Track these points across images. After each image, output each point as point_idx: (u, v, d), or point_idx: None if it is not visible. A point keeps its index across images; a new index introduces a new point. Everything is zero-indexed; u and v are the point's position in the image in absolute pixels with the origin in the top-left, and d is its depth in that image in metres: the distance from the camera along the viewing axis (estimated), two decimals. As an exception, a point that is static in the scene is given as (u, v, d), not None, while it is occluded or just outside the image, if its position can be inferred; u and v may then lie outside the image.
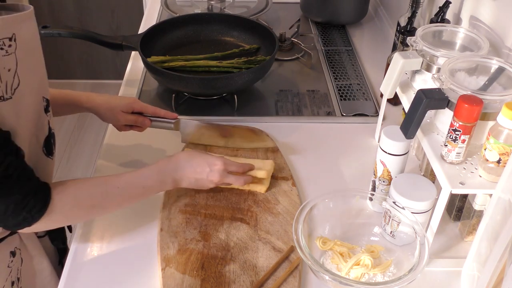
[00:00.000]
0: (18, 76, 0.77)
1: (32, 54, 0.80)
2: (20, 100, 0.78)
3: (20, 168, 0.77)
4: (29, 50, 0.79)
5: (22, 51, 0.77)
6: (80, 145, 2.78)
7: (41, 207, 0.78)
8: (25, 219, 0.77)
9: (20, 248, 0.91)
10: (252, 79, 1.28)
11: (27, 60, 0.78)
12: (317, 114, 1.28)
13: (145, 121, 1.07)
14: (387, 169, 0.94)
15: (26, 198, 0.76)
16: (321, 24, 1.73)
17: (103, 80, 3.20)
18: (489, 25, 1.06)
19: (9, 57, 0.75)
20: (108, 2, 2.93)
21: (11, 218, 0.77)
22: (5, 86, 0.75)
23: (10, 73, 0.75)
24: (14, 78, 0.76)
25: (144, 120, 1.07)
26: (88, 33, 1.30)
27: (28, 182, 0.78)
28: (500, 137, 0.76)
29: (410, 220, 0.86)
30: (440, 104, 0.85)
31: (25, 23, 0.77)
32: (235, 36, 1.47)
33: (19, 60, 0.76)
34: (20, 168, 0.77)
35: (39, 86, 0.84)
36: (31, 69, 0.81)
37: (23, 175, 0.77)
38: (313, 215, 0.89)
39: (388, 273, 0.85)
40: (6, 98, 0.75)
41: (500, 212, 0.73)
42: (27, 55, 0.78)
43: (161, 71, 1.23)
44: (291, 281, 0.85)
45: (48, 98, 0.87)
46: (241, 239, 0.92)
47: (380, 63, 1.44)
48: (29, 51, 0.79)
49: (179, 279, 0.84)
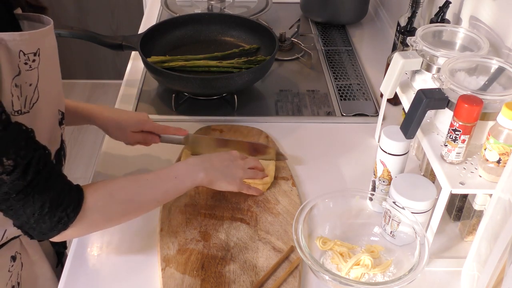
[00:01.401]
0: (38, 91, 0.76)
1: (52, 68, 0.80)
2: (37, 114, 0.76)
3: (50, 164, 0.74)
4: (50, 64, 0.78)
5: (44, 65, 0.76)
6: (80, 145, 2.78)
7: (75, 206, 0.75)
8: (61, 220, 0.73)
9: (20, 253, 0.90)
10: (252, 79, 1.28)
11: (47, 74, 0.77)
12: (317, 114, 1.28)
13: (155, 139, 1.06)
14: (387, 169, 0.94)
15: (60, 195, 0.73)
16: (321, 24, 1.73)
17: (103, 80, 3.20)
18: (489, 25, 1.06)
19: (32, 72, 0.74)
20: (108, 2, 2.93)
21: (47, 219, 0.72)
22: (24, 101, 0.73)
23: (31, 87, 0.74)
24: (34, 93, 0.75)
25: (153, 138, 1.06)
26: (88, 33, 1.30)
27: (60, 179, 0.75)
28: (500, 137, 0.75)
29: (410, 220, 0.86)
30: (440, 104, 0.85)
31: (48, 37, 0.77)
32: (235, 36, 1.47)
33: (40, 74, 0.75)
34: (50, 165, 0.74)
35: (56, 99, 0.83)
36: (50, 83, 0.80)
37: (53, 172, 0.74)
38: (313, 215, 0.89)
39: (388, 273, 0.85)
40: (23, 112, 0.73)
41: (500, 212, 0.73)
42: (47, 69, 0.77)
43: (161, 71, 1.23)
44: (291, 281, 0.85)
45: (63, 111, 0.86)
46: (241, 239, 0.92)
47: (380, 63, 1.44)
48: (50, 65, 0.78)
49: (179, 279, 0.84)
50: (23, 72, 0.72)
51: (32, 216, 0.72)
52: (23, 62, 0.72)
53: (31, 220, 0.72)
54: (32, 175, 0.70)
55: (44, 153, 0.74)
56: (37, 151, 0.72)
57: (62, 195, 0.74)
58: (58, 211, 0.73)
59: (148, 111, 1.27)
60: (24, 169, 0.69)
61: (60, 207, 0.73)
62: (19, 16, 0.79)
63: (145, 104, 1.30)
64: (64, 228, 0.74)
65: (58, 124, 0.85)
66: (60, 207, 0.73)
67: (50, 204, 0.72)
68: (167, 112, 1.27)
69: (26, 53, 0.72)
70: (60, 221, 0.73)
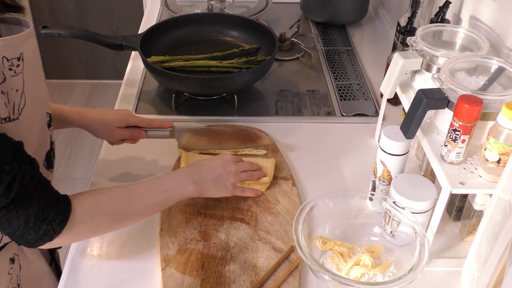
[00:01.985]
0: (24, 96, 0.75)
1: (35, 71, 0.79)
2: (26, 120, 0.76)
3: (36, 178, 0.74)
4: (33, 67, 0.77)
5: (28, 69, 0.75)
6: (80, 145, 2.78)
7: (62, 219, 0.75)
8: (46, 233, 0.73)
9: (18, 254, 0.90)
10: (252, 79, 1.28)
11: (32, 78, 0.77)
12: (317, 114, 1.28)
13: (141, 134, 1.06)
14: (387, 169, 0.94)
15: (46, 209, 0.73)
16: (321, 24, 1.73)
17: (103, 80, 3.20)
18: (489, 25, 1.06)
19: (17, 77, 0.73)
20: (108, 2, 2.93)
21: (32, 232, 0.73)
22: (12, 107, 0.73)
23: (18, 93, 0.74)
24: (21, 99, 0.74)
25: (140, 133, 1.06)
26: (88, 33, 1.30)
27: (47, 193, 0.75)
28: (500, 137, 0.76)
29: (410, 220, 0.86)
30: (440, 104, 0.85)
31: (30, 40, 0.75)
32: (235, 36, 1.47)
33: (25, 79, 0.75)
34: (36, 178, 0.74)
35: (42, 102, 0.83)
36: (35, 87, 0.79)
37: (40, 186, 0.74)
38: (313, 215, 0.89)
39: (388, 273, 0.85)
40: (13, 119, 0.73)
41: (500, 212, 0.73)
42: (32, 73, 0.77)
43: (161, 71, 1.23)
44: (291, 281, 0.85)
45: (50, 113, 0.86)
46: (241, 239, 0.92)
47: (380, 63, 1.44)
48: (33, 69, 0.77)
49: (179, 279, 0.84)
50: (8, 78, 0.71)
51: (18, 230, 0.72)
52: (7, 68, 0.71)
53: (16, 232, 0.73)
54: (16, 190, 0.70)
55: (31, 167, 0.73)
56: (23, 165, 0.71)
57: (48, 209, 0.73)
58: (43, 225, 0.73)
59: (148, 111, 1.27)
60: (8, 185, 0.69)
61: (45, 221, 0.73)
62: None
63: (145, 104, 1.30)
64: (50, 239, 0.75)
65: (47, 126, 0.85)
66: (45, 221, 0.73)
67: (35, 219, 0.72)
68: (167, 112, 1.27)
69: (10, 59, 0.71)
70: (46, 234, 0.74)
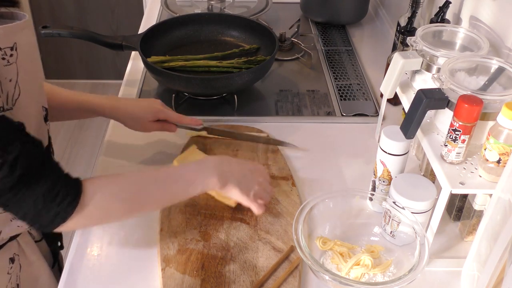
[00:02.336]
0: (19, 86, 0.75)
1: (31, 63, 0.78)
2: (20, 110, 0.75)
3: (41, 157, 0.72)
4: (28, 58, 0.77)
5: (22, 60, 0.75)
6: (80, 145, 2.78)
7: (72, 199, 0.72)
8: (57, 214, 0.71)
9: (18, 254, 0.90)
10: (252, 79, 1.28)
11: (27, 69, 0.76)
12: (317, 114, 1.28)
13: (171, 128, 1.07)
14: (387, 169, 0.94)
15: (54, 189, 0.71)
16: (321, 24, 1.73)
17: (103, 80, 3.20)
18: (489, 25, 1.06)
19: (10, 67, 0.73)
20: (108, 2, 2.93)
21: (44, 213, 0.71)
22: (5, 97, 0.72)
23: (12, 83, 0.73)
24: (15, 89, 0.74)
25: (170, 127, 1.07)
26: (88, 33, 1.30)
27: (54, 173, 0.73)
28: (500, 137, 0.76)
29: (410, 220, 0.86)
30: (440, 104, 0.85)
31: (24, 31, 0.75)
32: (235, 36, 1.47)
33: (20, 69, 0.74)
34: (41, 157, 0.72)
35: (38, 95, 0.82)
36: (31, 78, 0.78)
37: (47, 165, 0.72)
38: (313, 215, 0.89)
39: (388, 273, 0.85)
40: (6, 109, 0.72)
41: (500, 212, 0.73)
42: (26, 64, 0.76)
43: (161, 71, 1.23)
44: (291, 281, 0.85)
45: (46, 107, 0.85)
46: (241, 239, 0.92)
47: (380, 63, 1.44)
48: (29, 60, 0.77)
49: (179, 279, 0.84)
50: (1, 67, 0.71)
51: (29, 212, 0.71)
52: (0, 57, 0.71)
53: (28, 215, 0.71)
54: (21, 170, 0.68)
55: (35, 146, 0.72)
56: (27, 143, 0.70)
57: (57, 189, 0.71)
58: (53, 205, 0.71)
59: (148, 111, 1.27)
60: (11, 164, 0.67)
61: (54, 201, 0.71)
62: None
63: (145, 104, 1.30)
64: (63, 221, 0.73)
65: (44, 120, 0.84)
66: (54, 201, 0.71)
67: (44, 199, 0.70)
68: (167, 112, 1.27)
69: (3, 48, 0.71)
70: (57, 215, 0.72)
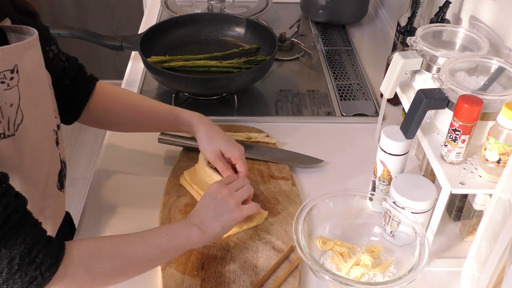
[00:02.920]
0: (21, 111, 0.70)
1: (37, 85, 0.74)
2: (24, 136, 0.71)
3: (22, 213, 0.65)
4: (33, 81, 0.72)
5: (26, 83, 0.70)
6: (80, 145, 2.78)
7: (52, 263, 0.65)
8: (34, 280, 0.64)
9: None
10: (252, 79, 1.28)
11: (31, 92, 0.72)
12: (317, 114, 1.28)
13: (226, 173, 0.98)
14: (387, 169, 0.94)
15: (33, 250, 0.64)
16: (321, 24, 1.73)
17: (103, 80, 3.18)
18: (489, 25, 1.06)
19: (11, 91, 0.68)
20: (108, 2, 2.93)
21: (17, 278, 0.63)
22: (7, 122, 0.68)
23: (13, 108, 0.69)
24: (17, 114, 0.69)
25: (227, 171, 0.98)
26: (88, 33, 1.31)
27: (35, 231, 0.66)
28: (500, 137, 0.76)
29: (410, 220, 0.86)
30: (440, 104, 0.85)
31: (28, 52, 0.70)
32: (235, 36, 1.47)
33: (22, 93, 0.70)
34: (22, 213, 0.65)
35: (47, 119, 0.78)
36: (37, 102, 0.74)
37: (28, 222, 0.65)
38: (313, 215, 0.89)
39: (388, 273, 0.85)
40: (8, 135, 0.68)
41: (500, 212, 0.73)
42: (31, 86, 0.72)
43: (161, 71, 1.23)
44: (291, 281, 0.85)
45: (57, 130, 0.80)
46: (241, 239, 0.92)
47: (380, 63, 1.44)
48: (34, 82, 0.73)
49: (179, 279, 0.84)
50: (1, 92, 0.67)
51: (1, 274, 0.62)
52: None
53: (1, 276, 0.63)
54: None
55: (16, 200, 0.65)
56: (6, 197, 0.63)
57: (36, 250, 0.64)
58: (30, 269, 0.63)
59: (148, 111, 1.27)
60: None
61: (32, 264, 0.63)
62: (6, 28, 0.73)
63: (145, 104, 1.30)
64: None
65: (55, 144, 0.80)
66: (32, 264, 0.63)
67: (20, 260, 0.62)
68: (167, 112, 1.26)
69: (1, 71, 0.66)
70: (32, 282, 0.64)
